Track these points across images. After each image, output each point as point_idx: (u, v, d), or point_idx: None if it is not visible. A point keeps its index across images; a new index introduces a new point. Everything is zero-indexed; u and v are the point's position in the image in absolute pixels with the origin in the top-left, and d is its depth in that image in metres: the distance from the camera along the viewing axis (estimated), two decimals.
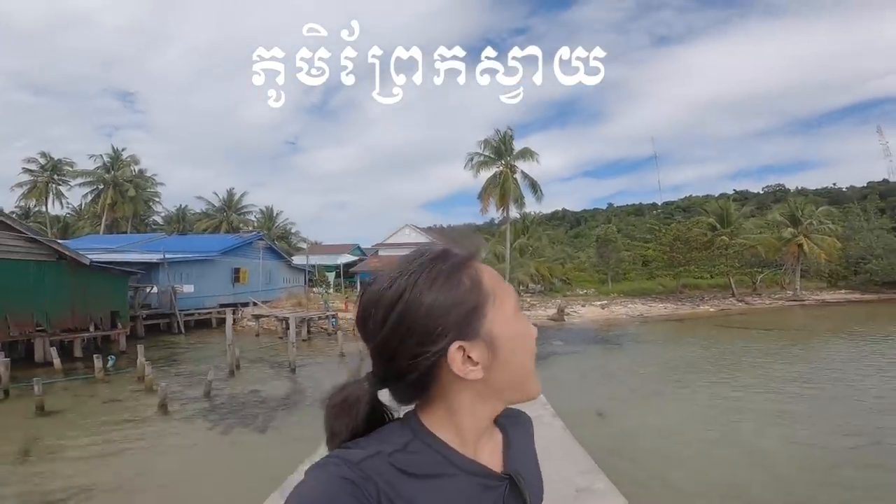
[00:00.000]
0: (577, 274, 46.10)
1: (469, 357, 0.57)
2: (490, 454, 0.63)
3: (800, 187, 78.99)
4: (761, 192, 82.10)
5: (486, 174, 31.72)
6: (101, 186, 38.66)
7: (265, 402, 9.76)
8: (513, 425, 0.69)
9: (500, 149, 31.54)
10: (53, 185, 38.97)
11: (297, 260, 35.61)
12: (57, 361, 11.82)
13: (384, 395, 0.61)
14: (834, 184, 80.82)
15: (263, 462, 6.13)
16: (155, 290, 19.91)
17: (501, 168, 31.39)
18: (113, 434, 7.57)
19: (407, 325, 0.56)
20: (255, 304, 23.80)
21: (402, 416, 0.63)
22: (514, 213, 33.57)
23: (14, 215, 26.92)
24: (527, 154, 31.56)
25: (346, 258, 42.31)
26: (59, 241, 15.42)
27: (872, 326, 21.99)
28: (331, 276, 38.59)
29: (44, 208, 40.31)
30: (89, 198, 39.97)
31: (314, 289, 30.92)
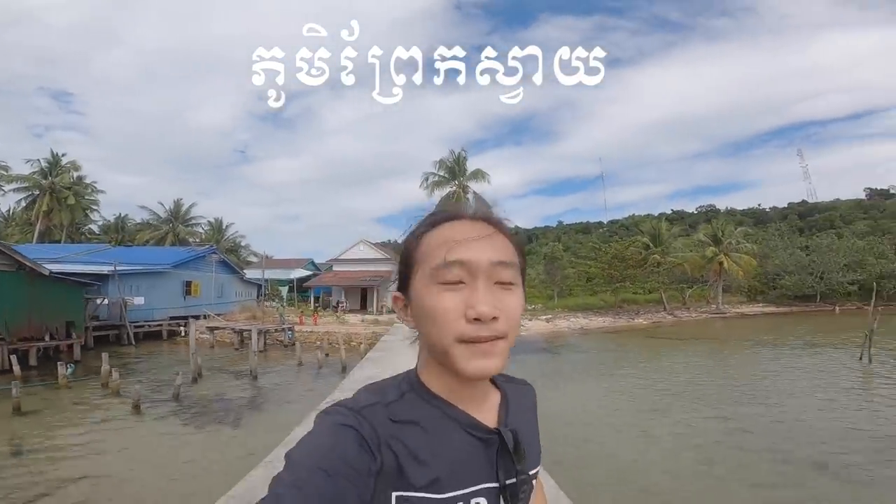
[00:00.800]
0: (528, 290, 48.59)
1: (407, 307, 0.65)
2: (483, 410, 0.66)
3: (729, 207, 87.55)
4: (695, 211, 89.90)
5: (440, 193, 33.62)
6: (38, 192, 37.01)
7: (233, 404, 10.70)
8: (514, 389, 0.74)
9: (455, 169, 33.66)
10: None
11: (250, 273, 35.64)
12: (17, 369, 12.09)
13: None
14: (759, 204, 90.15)
15: (241, 450, 7.20)
16: (106, 301, 19.90)
17: (455, 188, 33.41)
18: (93, 433, 8.29)
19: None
20: (210, 316, 24.04)
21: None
22: None
23: None
24: (479, 175, 33.85)
25: (300, 273, 42.55)
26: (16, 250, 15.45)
27: (777, 335, 25.54)
28: (284, 290, 38.81)
29: None
30: (23, 203, 38.07)
31: (267, 303, 31.18)
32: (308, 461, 0.52)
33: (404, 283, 0.66)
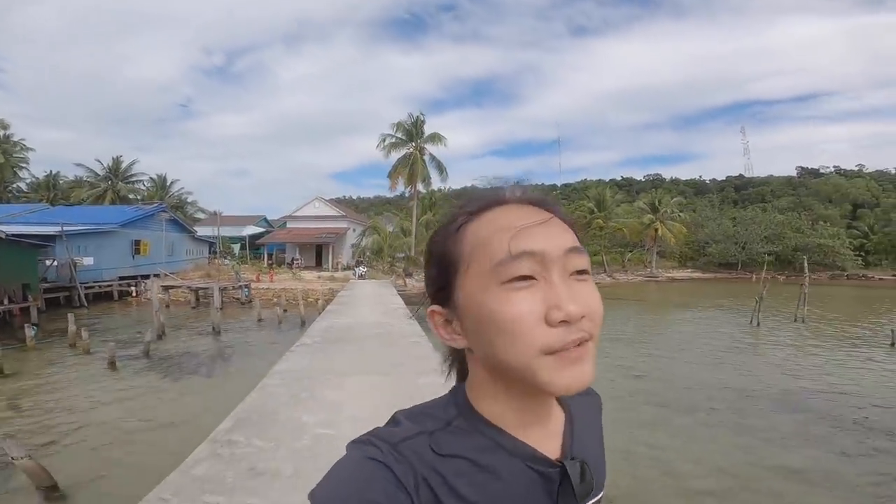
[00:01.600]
0: None
1: (449, 322, 0.54)
2: (546, 436, 0.55)
3: (674, 177, 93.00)
4: (643, 179, 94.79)
5: (396, 155, 34.31)
6: None
7: (202, 357, 11.85)
8: (578, 402, 0.62)
9: (412, 132, 34.22)
10: None
11: (201, 231, 35.32)
12: None
13: None
14: (700, 176, 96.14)
15: (217, 397, 8.47)
16: (55, 262, 19.80)
17: (412, 150, 34.13)
18: (78, 388, 9.18)
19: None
20: (163, 275, 24.28)
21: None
22: (422, 189, 36.71)
23: None
24: (436, 138, 34.61)
25: (252, 230, 42.37)
26: None
27: (696, 298, 29.11)
28: (236, 247, 38.79)
29: None
30: None
31: (218, 260, 31.39)
32: (333, 501, 0.45)
33: (443, 293, 0.54)
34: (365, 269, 30.64)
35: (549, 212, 0.53)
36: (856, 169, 73.02)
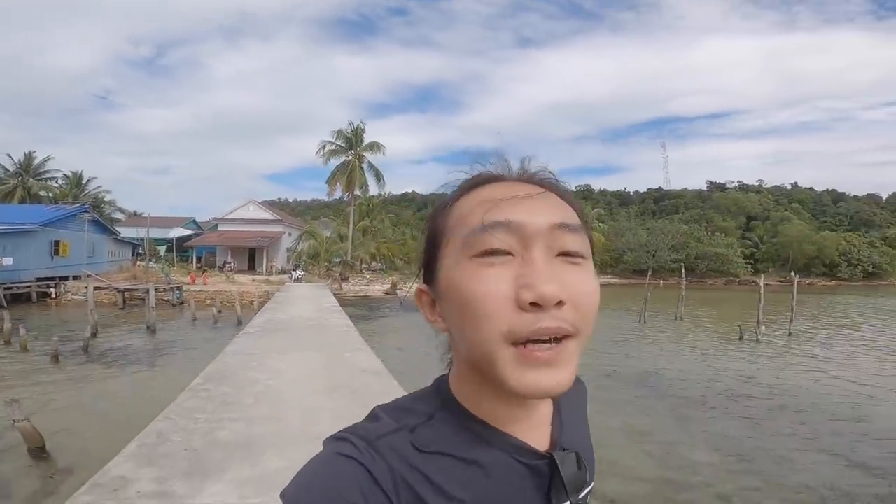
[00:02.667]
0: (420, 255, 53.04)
1: (434, 304, 0.51)
2: (533, 427, 0.52)
3: (602, 188, 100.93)
4: (574, 190, 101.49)
5: (336, 161, 35.62)
6: None
7: (142, 352, 12.85)
8: (566, 393, 0.52)
9: (352, 140, 35.73)
10: None
11: (124, 232, 34.46)
12: None
13: None
14: (625, 188, 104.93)
15: (162, 385, 9.76)
16: None
17: (351, 157, 35.60)
18: (25, 380, 10.03)
19: None
20: (85, 276, 24.01)
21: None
22: (360, 195, 38.18)
23: None
24: (375, 147, 36.34)
25: (180, 231, 41.58)
26: None
27: (608, 301, 32.94)
28: (162, 249, 38.08)
29: None
30: None
31: (143, 263, 30.99)
32: (304, 501, 0.42)
33: (429, 271, 0.52)
34: (302, 273, 31.66)
35: (544, 187, 0.50)
36: (756, 184, 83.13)
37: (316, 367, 6.98)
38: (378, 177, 36.87)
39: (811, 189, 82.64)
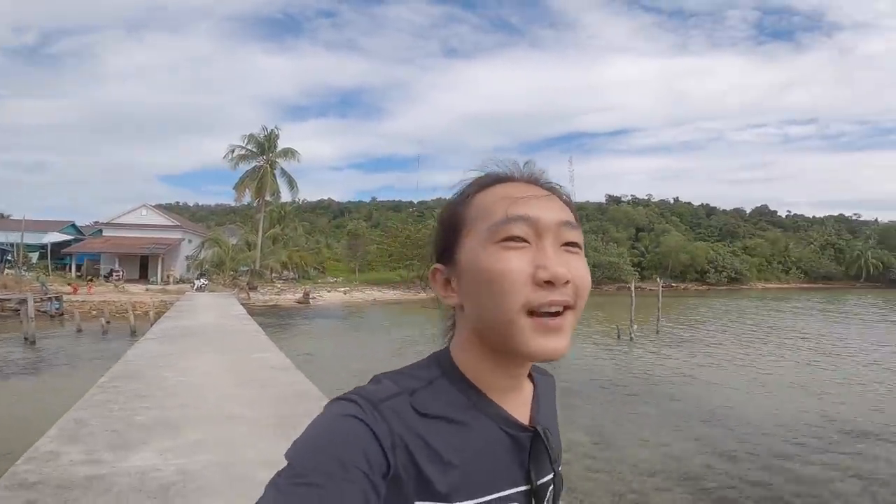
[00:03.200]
0: (334, 263, 52.60)
1: (448, 282, 0.60)
2: (520, 404, 0.61)
3: None
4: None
5: (245, 167, 34.47)
6: None
7: (20, 364, 12.01)
8: (542, 381, 0.68)
9: (265, 145, 34.75)
10: None
11: None
12: None
13: None
14: None
15: (51, 394, 9.47)
16: None
17: (262, 163, 34.63)
18: None
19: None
20: None
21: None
22: (271, 201, 37.22)
23: None
24: (289, 153, 35.68)
25: (57, 237, 37.45)
26: None
27: None
28: (34, 255, 34.21)
29: None
30: None
31: (10, 271, 27.67)
32: (307, 460, 0.46)
33: (446, 253, 0.61)
34: (205, 282, 30.23)
35: (550, 191, 0.61)
36: (646, 198, 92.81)
37: (225, 366, 7.46)
38: (291, 184, 36.35)
39: (689, 203, 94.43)
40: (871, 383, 11.65)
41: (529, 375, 0.65)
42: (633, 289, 21.13)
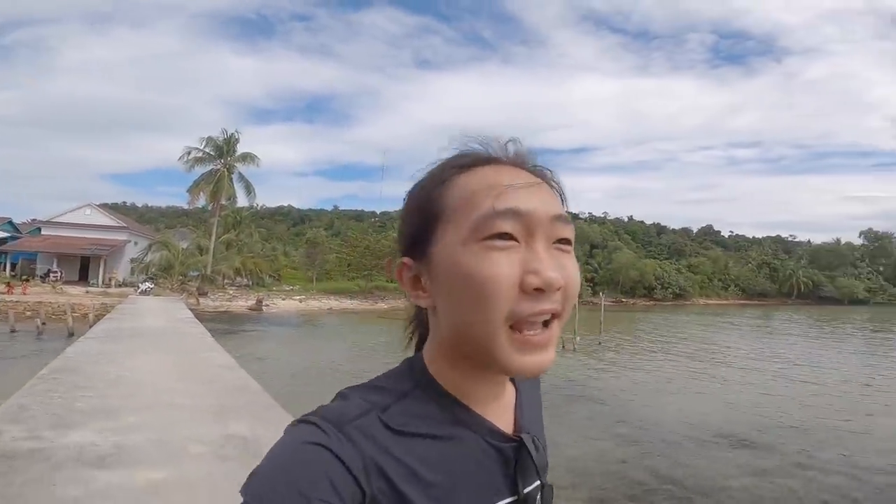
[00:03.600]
0: (290, 271, 51.86)
1: (418, 279, 0.52)
2: (502, 411, 0.55)
3: None
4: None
5: (201, 169, 33.70)
6: None
7: None
8: (524, 380, 0.60)
9: (223, 148, 34.03)
10: None
11: None
12: None
13: None
14: None
15: None
16: None
17: (220, 167, 33.95)
18: None
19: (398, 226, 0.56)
20: None
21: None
22: (227, 205, 36.49)
23: None
24: (248, 158, 35.10)
25: None
26: None
27: None
28: None
29: None
30: None
31: None
32: (265, 497, 0.40)
33: (418, 245, 0.51)
34: (150, 286, 29.34)
35: (540, 177, 0.53)
36: (602, 216, 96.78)
37: (170, 363, 7.69)
38: (249, 189, 35.80)
39: (642, 222, 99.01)
40: (775, 393, 12.99)
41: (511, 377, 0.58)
42: (576, 304, 22.55)
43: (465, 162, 0.52)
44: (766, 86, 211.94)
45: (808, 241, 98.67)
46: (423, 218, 0.52)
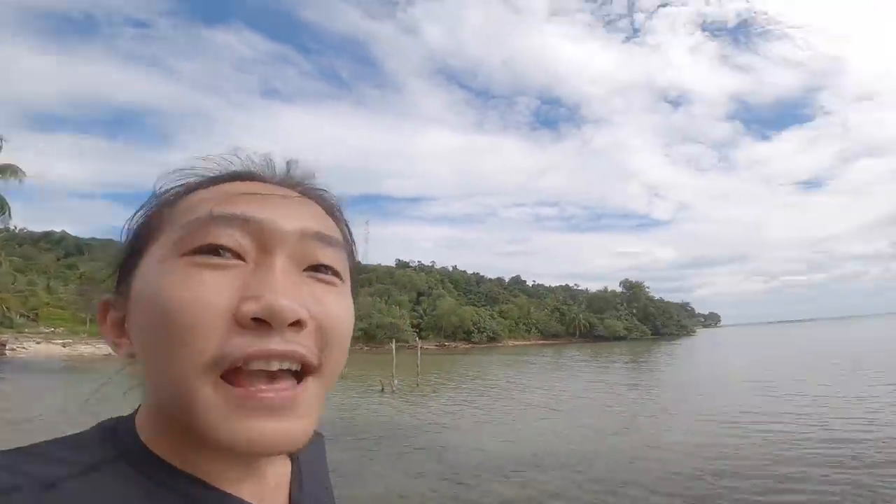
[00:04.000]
0: (55, 311, 42.06)
1: (122, 322, 0.39)
2: (266, 491, 0.40)
3: None
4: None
5: None
6: None
7: None
8: (305, 448, 0.39)
9: None
10: None
11: None
12: None
13: None
14: None
15: None
16: None
17: None
18: None
19: None
20: None
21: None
22: None
23: None
24: (9, 171, 27.92)
25: None
26: None
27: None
28: None
29: None
30: None
31: None
32: None
33: (125, 278, 0.39)
34: None
35: (309, 196, 0.41)
36: (430, 264, 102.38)
37: None
38: (2, 206, 28.34)
39: (464, 271, 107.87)
40: (561, 428, 15.13)
41: None
42: (394, 347, 23.68)
43: (214, 178, 0.41)
44: (569, 150, 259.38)
45: (587, 290, 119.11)
46: (134, 239, 0.40)
